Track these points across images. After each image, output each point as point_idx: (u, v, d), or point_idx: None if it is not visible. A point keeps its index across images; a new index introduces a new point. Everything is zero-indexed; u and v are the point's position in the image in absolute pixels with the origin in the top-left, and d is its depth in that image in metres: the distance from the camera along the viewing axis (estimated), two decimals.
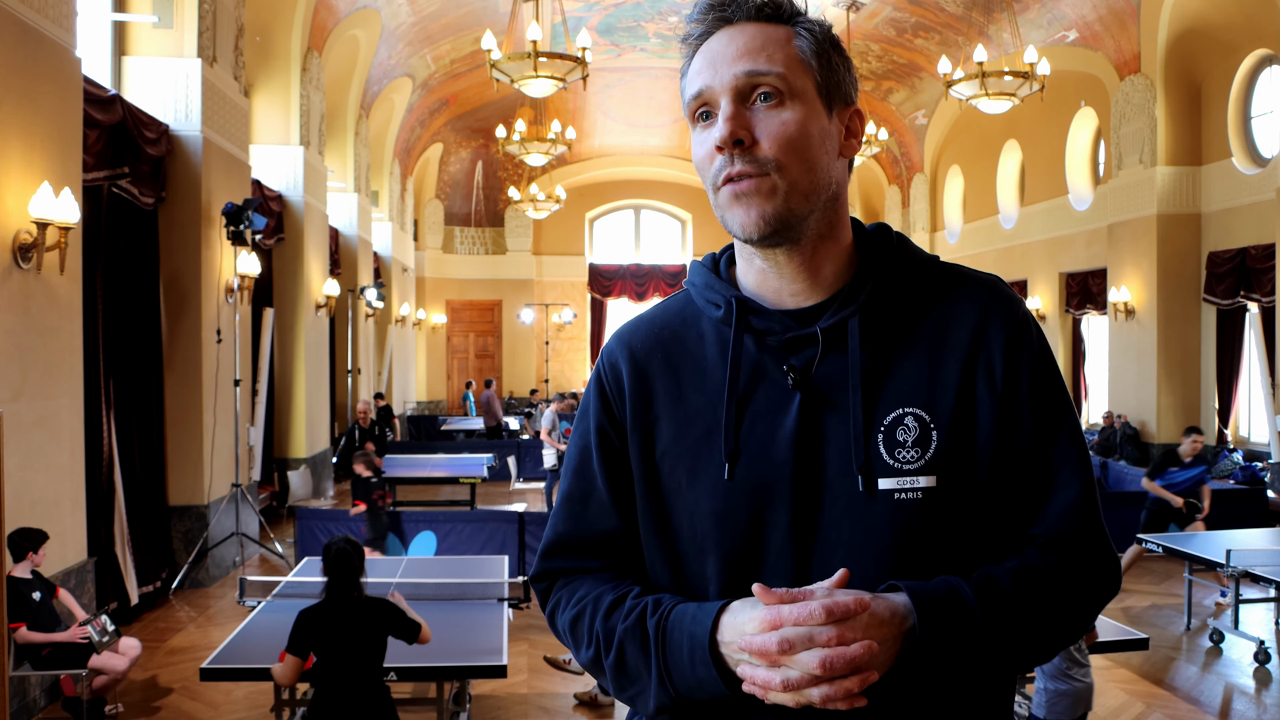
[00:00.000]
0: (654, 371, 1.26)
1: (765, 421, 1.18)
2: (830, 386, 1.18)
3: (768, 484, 1.17)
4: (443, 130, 20.75)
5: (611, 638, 1.19)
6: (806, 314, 1.21)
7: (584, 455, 1.31)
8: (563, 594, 1.30)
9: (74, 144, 6.10)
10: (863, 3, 14.62)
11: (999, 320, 1.20)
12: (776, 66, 1.16)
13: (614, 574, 1.28)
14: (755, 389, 1.20)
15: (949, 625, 1.07)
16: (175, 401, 8.02)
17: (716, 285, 1.26)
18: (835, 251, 1.23)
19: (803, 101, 1.17)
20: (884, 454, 1.15)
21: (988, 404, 1.17)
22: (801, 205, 1.16)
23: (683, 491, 1.21)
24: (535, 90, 9.31)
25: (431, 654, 4.28)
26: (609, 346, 1.32)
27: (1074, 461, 1.19)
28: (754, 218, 1.16)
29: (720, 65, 1.17)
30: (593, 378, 1.32)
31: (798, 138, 1.15)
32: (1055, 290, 15.80)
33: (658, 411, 1.25)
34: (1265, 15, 11.08)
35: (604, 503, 1.29)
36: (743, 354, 1.21)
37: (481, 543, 8.22)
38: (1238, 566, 6.19)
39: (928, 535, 1.14)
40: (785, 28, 1.19)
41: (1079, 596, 1.17)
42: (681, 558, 1.22)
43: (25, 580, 4.93)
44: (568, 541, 1.31)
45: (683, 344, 1.27)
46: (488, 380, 19.29)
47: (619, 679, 1.20)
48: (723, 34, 1.19)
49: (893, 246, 1.24)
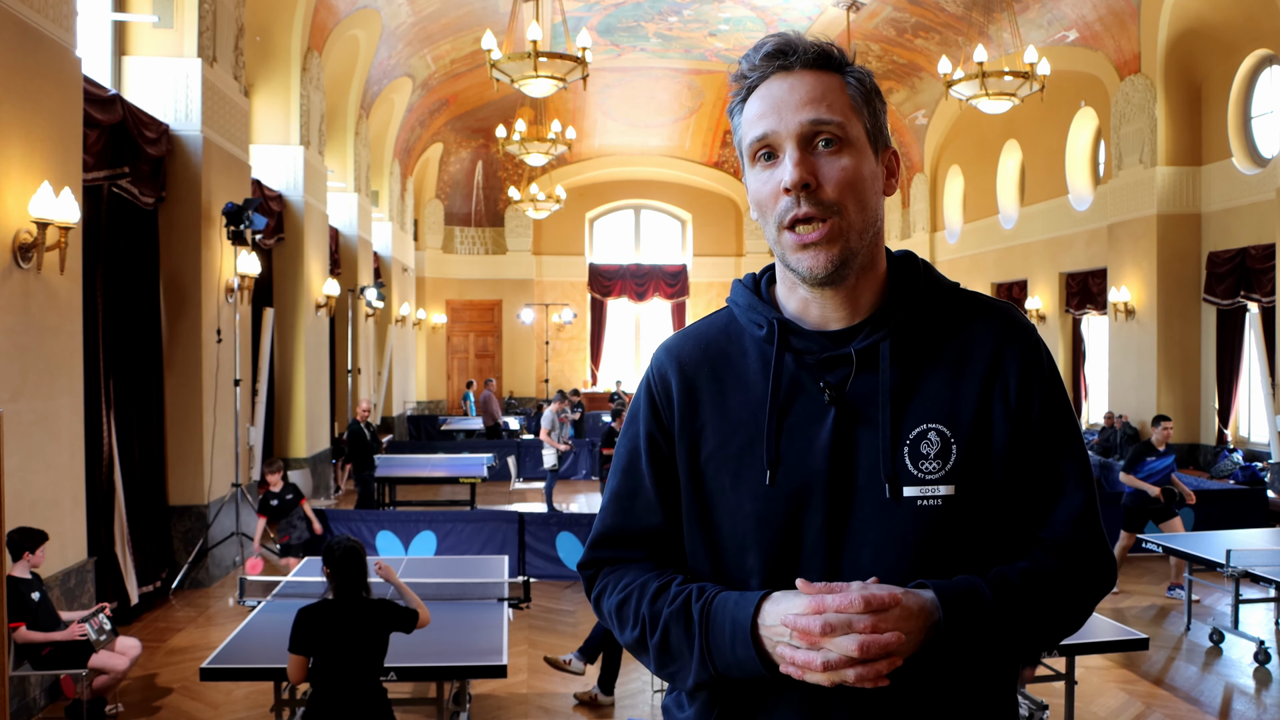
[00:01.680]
0: (701, 383, 1.39)
1: (803, 433, 1.32)
2: (862, 402, 1.31)
3: (804, 489, 1.30)
4: (443, 130, 20.75)
5: (657, 619, 1.32)
6: (841, 335, 1.34)
7: (633, 456, 1.43)
8: (609, 580, 1.42)
9: (74, 144, 6.10)
10: (863, 3, 14.62)
11: (1014, 346, 1.34)
12: (837, 115, 1.28)
13: (656, 565, 1.41)
14: (794, 403, 1.33)
15: (970, 619, 1.21)
16: (175, 401, 8.02)
17: (759, 306, 1.38)
18: (873, 280, 1.35)
19: (857, 147, 1.29)
20: (909, 465, 1.29)
21: (1003, 421, 1.31)
22: (858, 243, 1.30)
23: (726, 493, 1.34)
24: (535, 90, 9.31)
25: (431, 654, 4.28)
26: (658, 357, 1.45)
27: (1078, 473, 1.34)
28: (822, 262, 1.28)
29: (785, 112, 1.28)
30: (642, 386, 1.45)
31: (855, 181, 1.28)
32: (1055, 290, 15.79)
33: (704, 419, 1.38)
34: (1265, 15, 11.08)
35: (650, 500, 1.41)
36: (783, 371, 1.34)
37: (481, 543, 8.23)
38: (1238, 566, 6.19)
39: (946, 538, 1.28)
40: (838, 76, 1.31)
41: (1080, 594, 1.31)
42: (722, 552, 1.35)
43: (25, 580, 4.93)
44: (615, 534, 1.44)
45: (727, 359, 1.40)
46: (487, 380, 19.30)
47: (661, 657, 1.33)
48: (782, 81, 1.30)
49: (919, 274, 1.38)
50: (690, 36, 16.95)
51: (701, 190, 24.28)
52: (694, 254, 24.60)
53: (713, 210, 24.54)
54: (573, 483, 14.53)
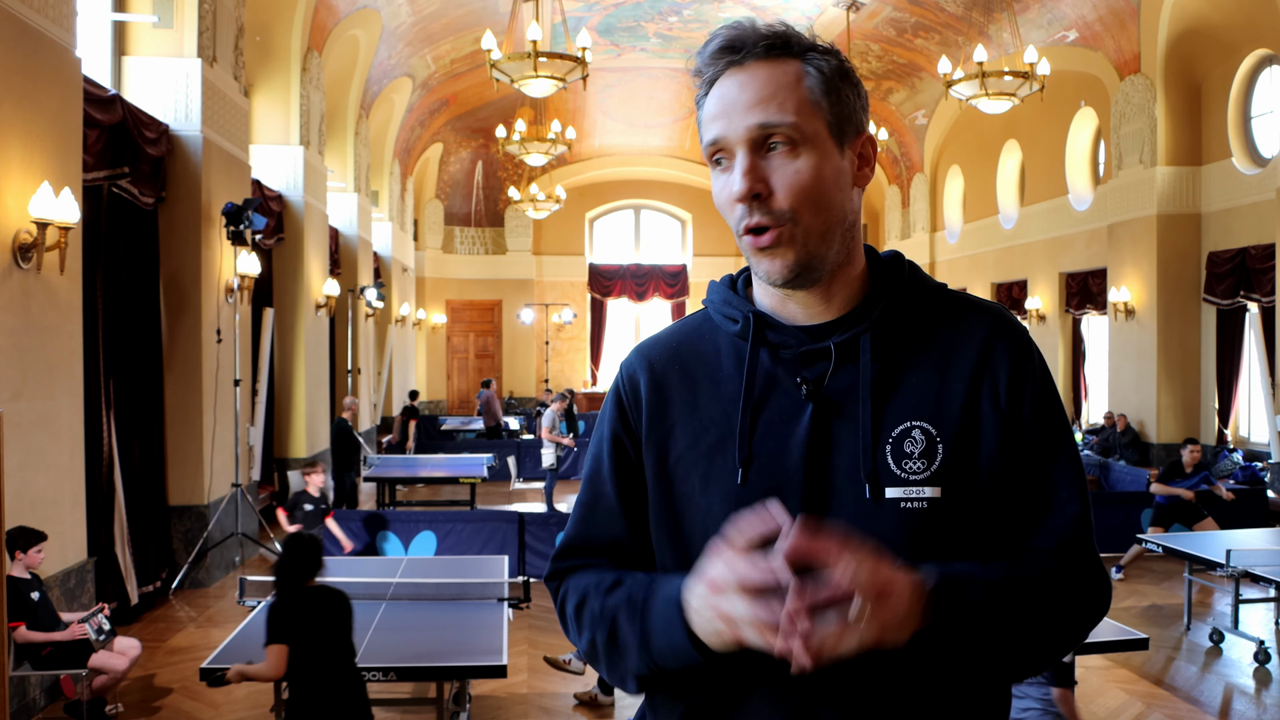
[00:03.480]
0: (671, 382, 1.31)
1: (778, 430, 1.23)
2: (841, 398, 1.23)
3: (778, 489, 1.20)
4: (443, 130, 20.75)
5: (608, 614, 1.24)
6: (820, 330, 1.26)
7: (596, 463, 1.36)
8: (569, 584, 1.35)
9: (74, 144, 6.10)
10: (863, 3, 14.62)
11: (1004, 344, 1.25)
12: (788, 116, 1.19)
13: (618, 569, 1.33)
14: (769, 399, 1.25)
15: (964, 592, 1.12)
16: (175, 401, 8.02)
17: (734, 301, 1.31)
18: (850, 277, 1.28)
19: (815, 145, 1.20)
20: (891, 464, 1.20)
21: (992, 421, 1.22)
22: (820, 247, 1.22)
23: (695, 497, 1.26)
24: (535, 90, 9.31)
25: (431, 654, 4.28)
26: (628, 360, 1.38)
27: (1071, 481, 1.25)
28: (778, 268, 1.21)
29: (734, 114, 1.20)
30: (611, 389, 1.38)
31: (811, 185, 1.19)
32: (1055, 290, 15.79)
33: (672, 420, 1.30)
34: (1265, 15, 11.08)
35: (612, 508, 1.33)
36: (758, 366, 1.26)
37: (481, 543, 8.23)
38: (1238, 566, 6.19)
39: (932, 544, 1.18)
40: (795, 64, 1.21)
41: (1072, 602, 1.21)
42: (692, 561, 1.24)
43: (24, 580, 4.93)
44: (578, 545, 1.36)
45: (699, 356, 1.32)
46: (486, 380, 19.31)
47: (610, 654, 1.25)
48: (734, 78, 1.22)
49: (904, 273, 1.30)
50: (690, 36, 16.94)
51: (701, 190, 24.28)
52: (694, 254, 24.59)
53: (712, 210, 24.43)
54: (573, 483, 14.53)
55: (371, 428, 15.66)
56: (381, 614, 4.80)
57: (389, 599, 5.07)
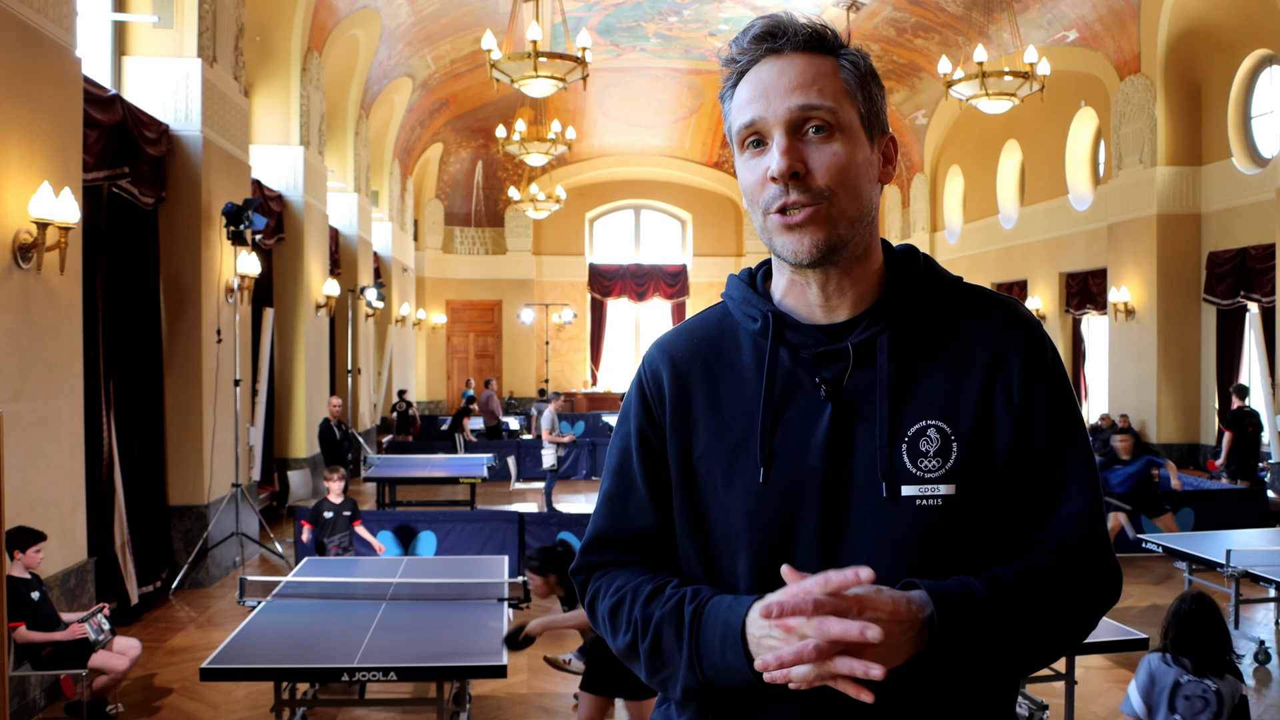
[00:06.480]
0: (693, 379, 1.34)
1: (798, 430, 1.27)
2: (859, 398, 1.26)
3: (799, 488, 1.25)
4: (443, 130, 20.75)
5: (649, 623, 1.27)
6: (838, 329, 1.29)
7: (625, 456, 1.38)
8: (601, 583, 1.37)
9: (74, 144, 6.10)
10: (863, 3, 14.62)
11: (1017, 341, 1.28)
12: (828, 100, 1.22)
13: (649, 567, 1.35)
14: (789, 399, 1.28)
15: (964, 618, 1.15)
16: (175, 401, 8.01)
17: (754, 300, 1.34)
18: (868, 271, 1.30)
19: (850, 133, 1.24)
20: (907, 463, 1.23)
21: (1005, 418, 1.25)
22: (848, 231, 1.24)
23: (718, 493, 1.29)
24: (535, 90, 9.31)
25: (431, 654, 4.28)
26: (650, 354, 1.40)
27: (1083, 474, 1.27)
28: (806, 245, 1.23)
29: (773, 97, 1.23)
30: (634, 383, 1.40)
31: (848, 168, 1.23)
32: (1055, 290, 15.79)
33: (695, 416, 1.32)
34: (1265, 15, 11.08)
35: (643, 501, 1.36)
36: (778, 366, 1.29)
37: (481, 543, 8.22)
38: (1238, 567, 6.19)
39: (946, 539, 1.23)
40: (831, 59, 1.26)
41: (1082, 600, 1.24)
42: (714, 554, 1.30)
43: (24, 580, 4.93)
44: (608, 537, 1.39)
45: (721, 354, 1.34)
46: (487, 380, 19.31)
47: (652, 662, 1.28)
48: (772, 64, 1.25)
49: (920, 267, 1.33)
50: (690, 36, 16.95)
51: (701, 190, 24.28)
52: (694, 254, 24.59)
53: (713, 210, 24.54)
54: (572, 483, 14.53)
55: (372, 428, 15.66)
56: (381, 614, 4.80)
57: (389, 599, 5.07)
